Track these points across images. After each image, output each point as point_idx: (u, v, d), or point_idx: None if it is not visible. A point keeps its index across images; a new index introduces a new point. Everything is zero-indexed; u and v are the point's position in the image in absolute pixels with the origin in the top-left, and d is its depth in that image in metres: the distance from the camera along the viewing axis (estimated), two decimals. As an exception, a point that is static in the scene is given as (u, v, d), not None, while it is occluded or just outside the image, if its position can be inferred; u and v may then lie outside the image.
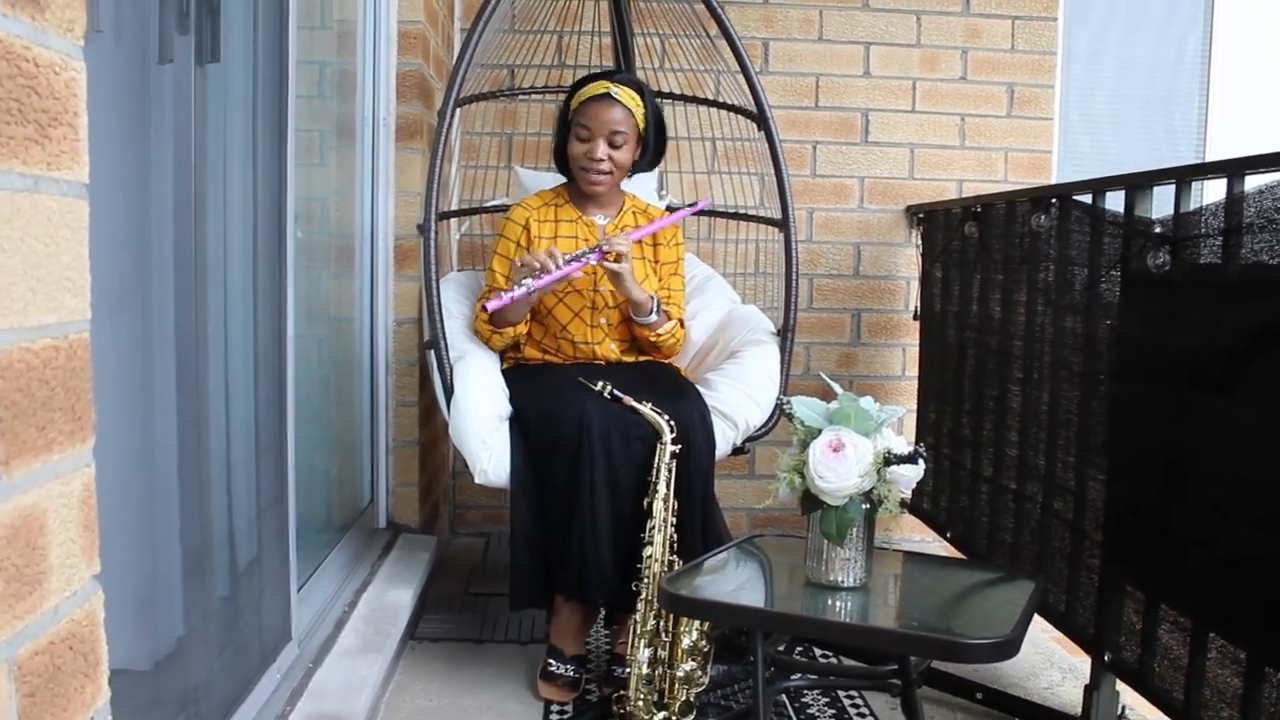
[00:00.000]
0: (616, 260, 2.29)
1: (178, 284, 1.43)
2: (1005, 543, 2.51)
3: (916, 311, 3.34)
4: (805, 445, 1.73)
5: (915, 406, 3.32)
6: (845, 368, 3.60)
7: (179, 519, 1.43)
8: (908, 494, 1.74)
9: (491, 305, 2.25)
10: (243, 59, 1.70)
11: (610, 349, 2.51)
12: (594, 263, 2.31)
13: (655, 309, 2.40)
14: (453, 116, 2.48)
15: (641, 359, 2.57)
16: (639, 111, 2.41)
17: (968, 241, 2.83)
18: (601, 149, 2.38)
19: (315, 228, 2.46)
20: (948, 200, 3.41)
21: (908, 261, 3.57)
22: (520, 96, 3.18)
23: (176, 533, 1.43)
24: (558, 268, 2.24)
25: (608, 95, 2.38)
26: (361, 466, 2.86)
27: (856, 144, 3.56)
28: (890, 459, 1.70)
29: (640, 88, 2.43)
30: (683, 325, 2.53)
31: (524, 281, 2.23)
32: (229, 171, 1.67)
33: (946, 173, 3.58)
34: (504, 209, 2.80)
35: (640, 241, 2.51)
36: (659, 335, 2.43)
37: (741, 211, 3.07)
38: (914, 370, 3.47)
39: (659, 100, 3.27)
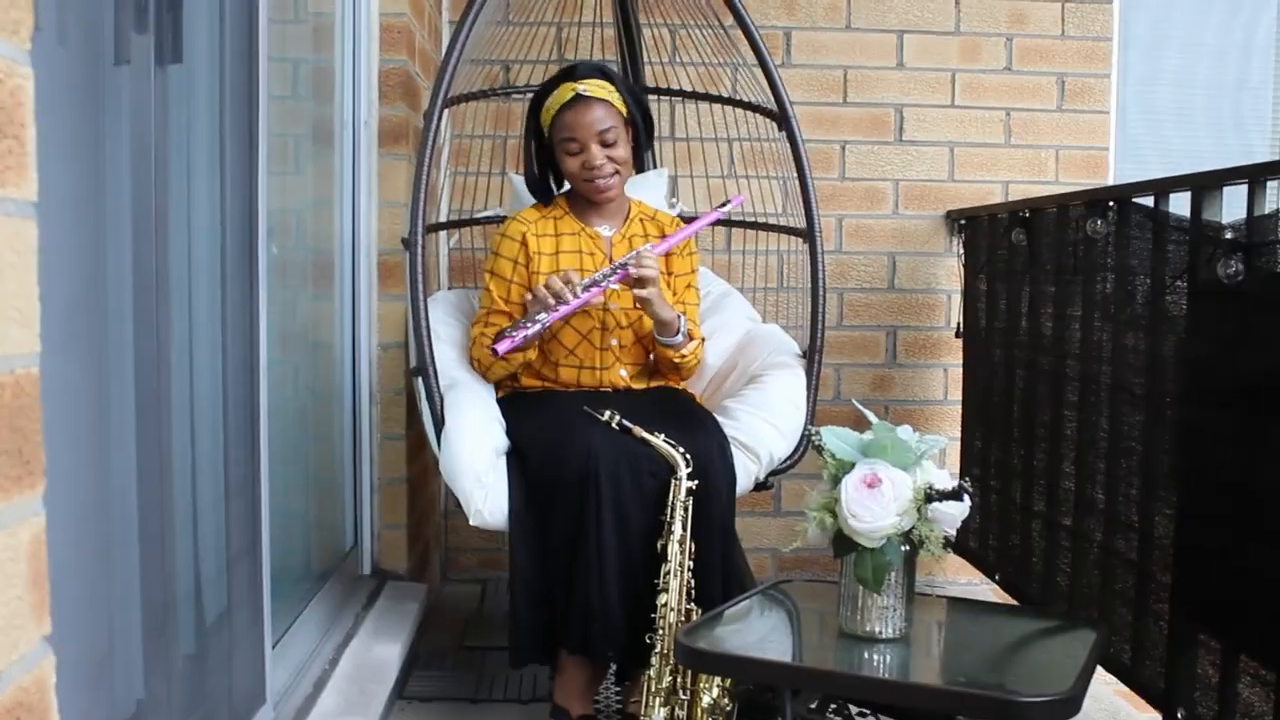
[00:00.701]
0: (641, 283, 2.31)
1: (137, 309, 1.43)
2: (1061, 587, 2.50)
3: (959, 328, 3.34)
4: (837, 480, 1.73)
5: (959, 435, 3.32)
6: (880, 392, 3.59)
7: (139, 570, 1.42)
8: (952, 533, 1.74)
9: (503, 348, 2.25)
10: (208, 58, 1.70)
11: (620, 374, 2.51)
12: (616, 287, 2.31)
13: (681, 328, 2.41)
14: (441, 118, 2.49)
15: (653, 384, 2.57)
16: (615, 98, 2.41)
17: (1015, 250, 2.83)
18: (598, 154, 2.39)
19: (290, 243, 2.46)
20: (992, 204, 3.40)
21: (948, 273, 3.57)
22: (516, 95, 3.19)
23: (136, 585, 1.42)
24: (575, 297, 2.25)
25: (579, 97, 2.38)
26: (343, 507, 2.86)
27: (890, 143, 3.56)
28: (932, 495, 1.70)
29: (603, 71, 2.44)
30: (702, 343, 2.54)
31: (538, 317, 2.24)
32: (194, 183, 1.67)
33: (991, 174, 3.58)
34: (498, 220, 2.80)
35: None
36: (683, 356, 2.44)
37: (762, 220, 3.07)
38: (956, 394, 3.46)
39: (659, 94, 3.29)
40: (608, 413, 2.24)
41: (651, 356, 2.55)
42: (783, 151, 2.79)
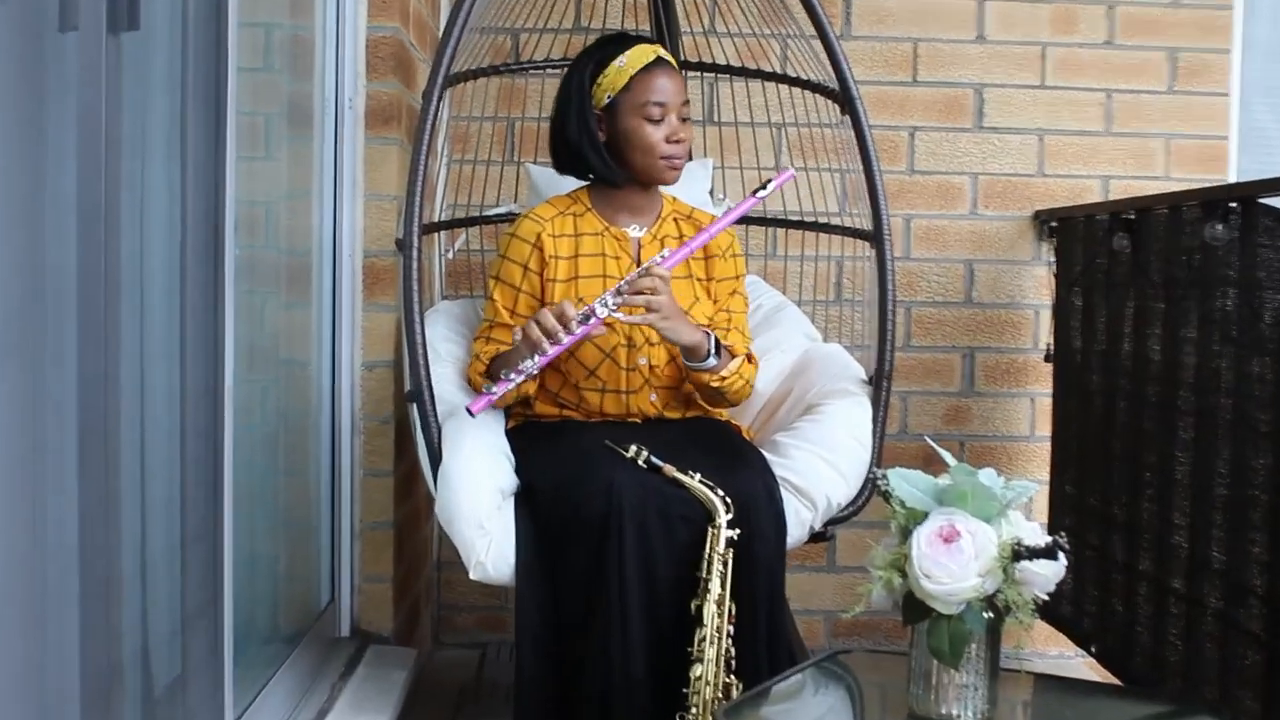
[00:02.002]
0: (646, 308, 2.29)
1: (81, 319, 1.43)
2: (1172, 663, 2.48)
3: (1049, 351, 3.32)
4: (907, 533, 1.73)
5: (1047, 478, 3.29)
6: (955, 425, 3.57)
7: (78, 630, 1.41)
8: (1044, 597, 1.73)
9: (477, 407, 2.26)
10: (168, 24, 1.70)
11: (650, 400, 2.51)
12: (619, 317, 2.31)
13: (714, 348, 2.39)
14: (441, 97, 2.49)
15: (690, 414, 2.57)
16: (684, 78, 2.53)
17: (1117, 258, 2.81)
18: (678, 126, 2.46)
19: (261, 242, 2.46)
20: (1089, 204, 3.38)
21: (1036, 284, 3.55)
22: (531, 71, 3.19)
23: (75, 648, 1.41)
24: (569, 334, 2.25)
25: (662, 61, 2.47)
26: (319, 556, 2.86)
27: (968, 130, 3.55)
28: (1021, 552, 1.70)
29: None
30: (753, 360, 2.52)
31: (522, 365, 2.25)
32: (150, 170, 1.67)
33: (1087, 167, 3.56)
34: (509, 219, 2.80)
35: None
36: (724, 380, 2.42)
37: (820, 220, 3.05)
38: (1046, 429, 3.43)
39: (696, 70, 3.28)
40: (633, 447, 2.23)
41: (688, 385, 2.54)
42: (844, 139, 2.78)
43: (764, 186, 2.43)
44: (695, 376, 2.44)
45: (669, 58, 2.49)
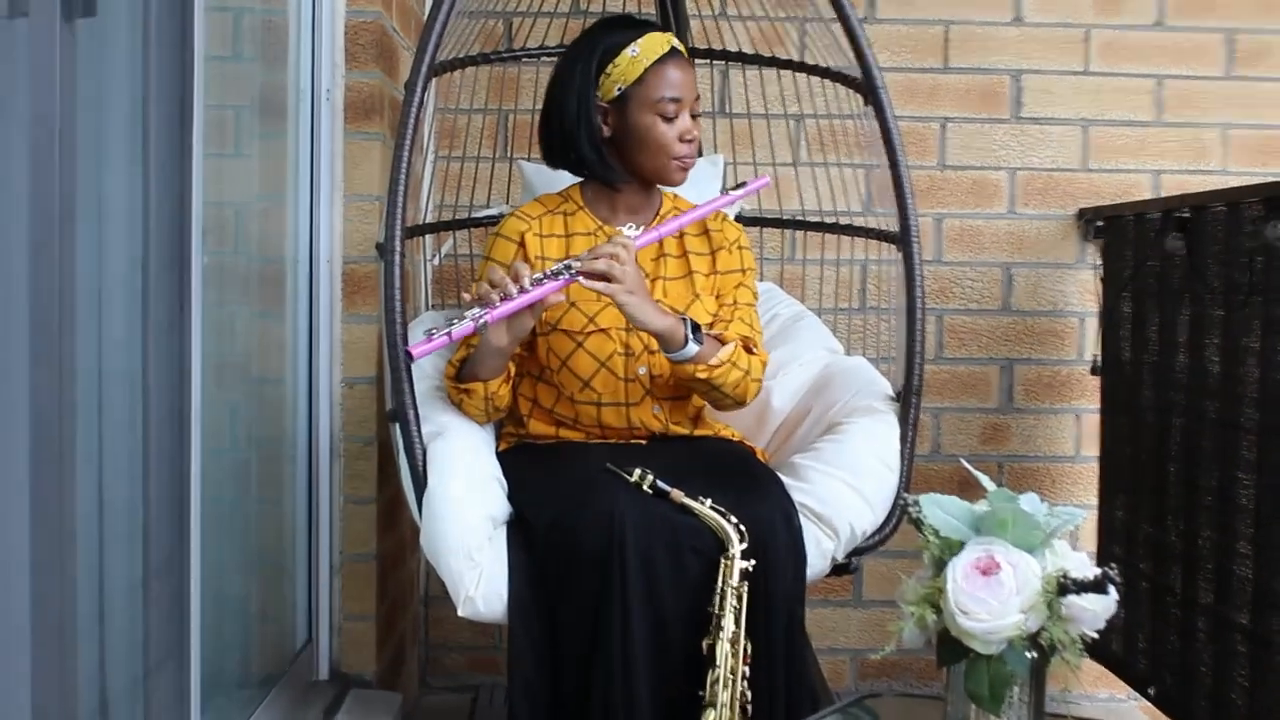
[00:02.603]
0: (606, 276, 2.29)
1: (34, 334, 1.42)
2: (1239, 706, 2.47)
3: (1096, 363, 3.32)
4: (941, 565, 1.73)
5: (1095, 502, 3.29)
6: (992, 446, 3.57)
7: (29, 680, 1.41)
8: (1093, 635, 1.73)
9: (416, 350, 2.25)
10: (128, 10, 1.70)
11: (653, 413, 2.51)
12: (583, 282, 2.29)
13: (691, 333, 2.37)
14: (426, 88, 2.49)
15: (699, 433, 2.56)
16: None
17: (1170, 261, 2.81)
18: (692, 124, 2.48)
19: (231, 248, 2.46)
20: (1139, 201, 3.37)
21: (1081, 290, 3.55)
22: (525, 59, 3.19)
23: (26, 700, 1.40)
24: (522, 291, 2.24)
25: (677, 52, 2.48)
26: (294, 592, 2.85)
27: (1004, 121, 3.55)
28: (1067, 585, 1.69)
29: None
30: (752, 350, 2.50)
31: (470, 313, 2.23)
32: (108, 170, 1.67)
33: (1136, 160, 3.56)
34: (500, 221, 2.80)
35: (685, 251, 2.53)
36: (713, 370, 2.40)
37: (841, 221, 3.05)
38: (1093, 448, 3.43)
39: (706, 58, 3.28)
40: (637, 470, 2.23)
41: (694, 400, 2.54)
42: (868, 131, 2.77)
43: (739, 187, 2.46)
44: (679, 370, 2.41)
45: (682, 48, 2.50)
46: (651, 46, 2.45)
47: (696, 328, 2.38)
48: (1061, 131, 3.55)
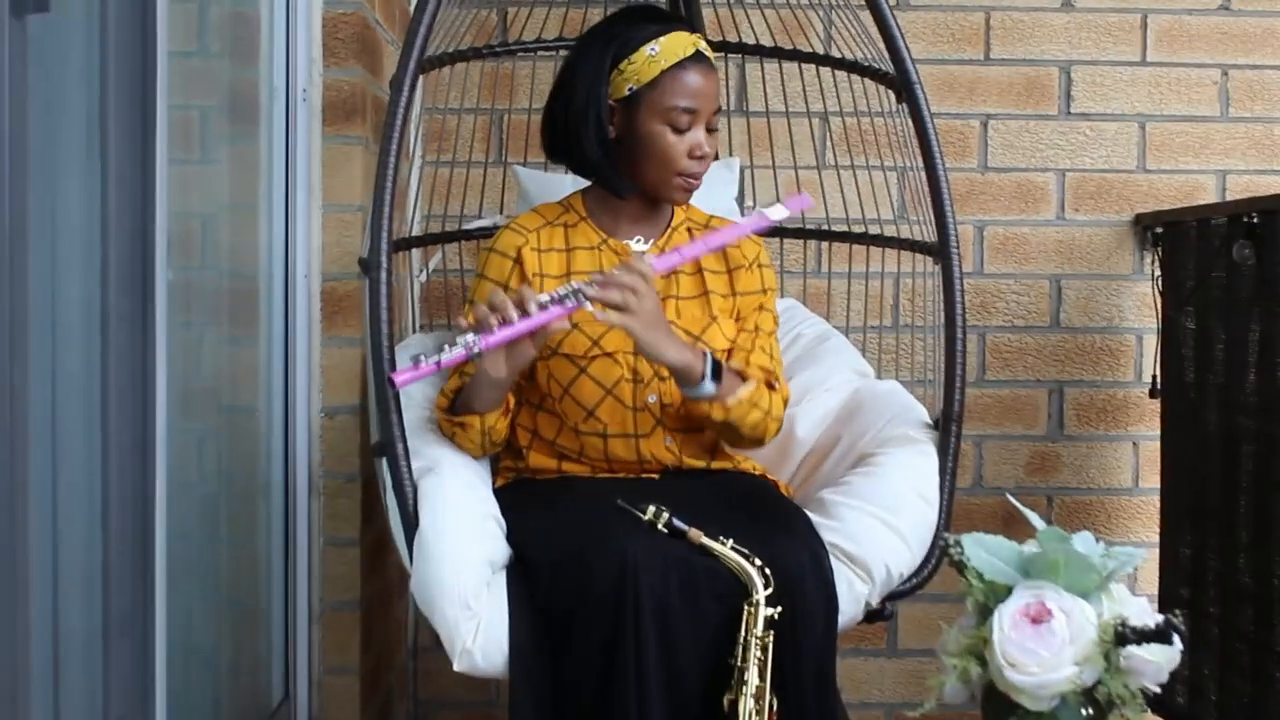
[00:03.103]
0: (621, 306, 2.26)
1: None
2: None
3: (1155, 384, 3.32)
4: (986, 612, 1.74)
5: (1157, 539, 3.28)
6: (1041, 477, 3.57)
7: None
8: (1155, 688, 1.73)
9: (400, 376, 2.22)
10: (84, 3, 1.70)
11: (665, 447, 2.51)
12: (589, 308, 2.28)
13: (709, 370, 2.36)
14: (414, 86, 2.49)
15: (717, 466, 2.56)
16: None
17: (1237, 271, 2.81)
18: (705, 139, 2.46)
19: (198, 263, 2.47)
20: (1203, 205, 3.37)
21: (1139, 304, 3.55)
22: (521, 54, 3.19)
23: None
24: (524, 317, 2.23)
25: (702, 57, 2.46)
26: (270, 644, 2.86)
27: (1052, 117, 3.55)
28: (1126, 634, 1.70)
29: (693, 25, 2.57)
30: (774, 386, 2.50)
31: (462, 339, 2.21)
32: (63, 177, 1.67)
33: (1200, 161, 3.57)
34: (495, 233, 2.79)
35: (700, 269, 2.52)
36: (728, 410, 2.40)
37: (872, 231, 3.05)
38: (1153, 479, 3.43)
39: (722, 50, 3.28)
40: (651, 508, 2.21)
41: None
42: (901, 131, 2.77)
43: (773, 206, 2.42)
44: (693, 407, 2.43)
45: (709, 52, 2.48)
46: (673, 47, 2.43)
47: (717, 366, 2.38)
48: (1116, 129, 3.55)
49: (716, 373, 2.37)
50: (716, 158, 2.67)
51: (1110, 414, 3.56)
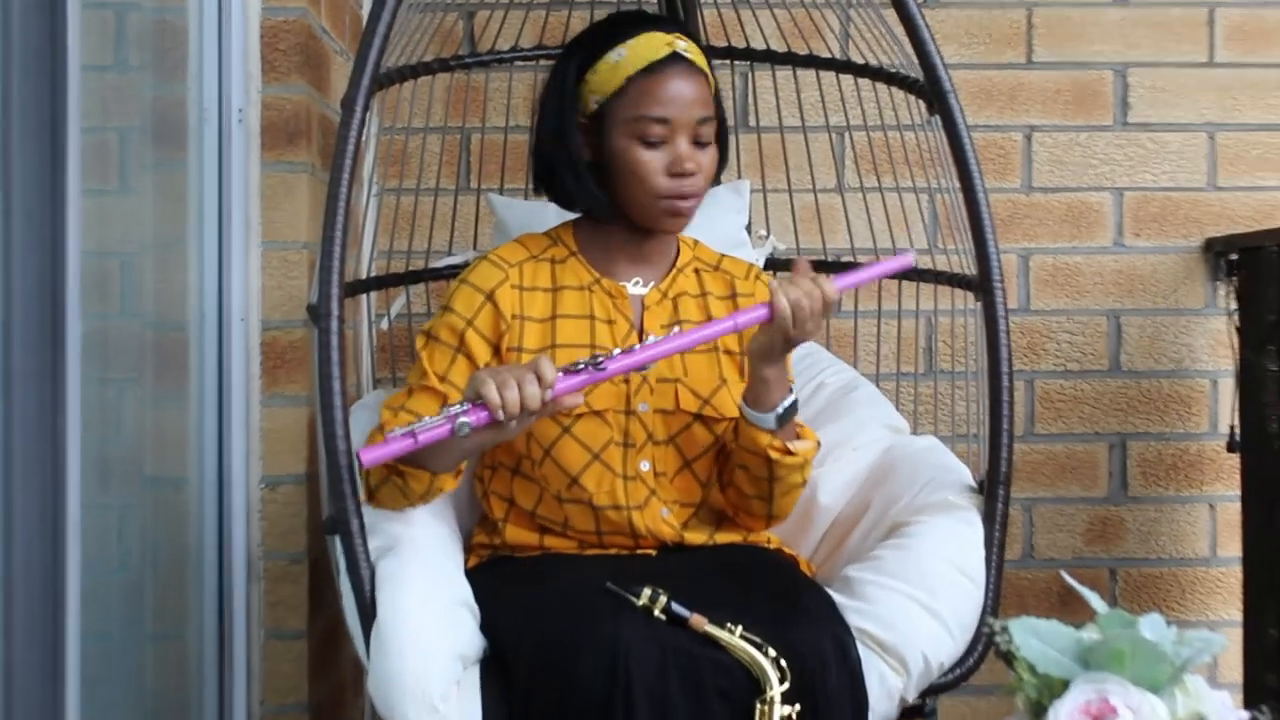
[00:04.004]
0: (798, 306, 2.28)
1: None
2: None
3: (1233, 436, 3.32)
4: (1040, 710, 1.72)
5: (1240, 619, 3.27)
6: (1102, 547, 3.57)
7: None
8: None
9: (369, 454, 2.19)
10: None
11: (662, 519, 2.50)
12: (604, 377, 2.27)
13: (791, 403, 2.40)
14: (368, 105, 2.50)
15: (723, 539, 2.56)
16: (710, 79, 2.48)
17: (1327, 305, 2.79)
18: (690, 152, 2.42)
19: (117, 310, 2.47)
20: (1285, 228, 3.37)
21: (1211, 343, 3.56)
22: (493, 64, 3.20)
23: None
24: (542, 403, 2.19)
25: (677, 57, 2.43)
26: (202, 757, 2.83)
27: (1107, 128, 3.57)
28: None
29: (685, 28, 2.53)
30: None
31: (450, 409, 2.18)
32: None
33: None
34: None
35: (710, 318, 2.52)
36: (786, 457, 2.42)
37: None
38: (1234, 547, 3.43)
39: (725, 57, 3.29)
40: (646, 590, 2.21)
41: (720, 484, 2.54)
42: (932, 146, 2.78)
43: (878, 264, 2.42)
44: (754, 436, 2.41)
45: (691, 53, 2.45)
46: (641, 50, 2.42)
47: (795, 407, 2.41)
48: (1181, 140, 3.57)
49: (793, 407, 2.41)
50: (719, 181, 2.65)
51: (1181, 471, 3.57)
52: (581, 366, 2.24)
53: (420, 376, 2.44)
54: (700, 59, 2.46)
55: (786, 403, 2.39)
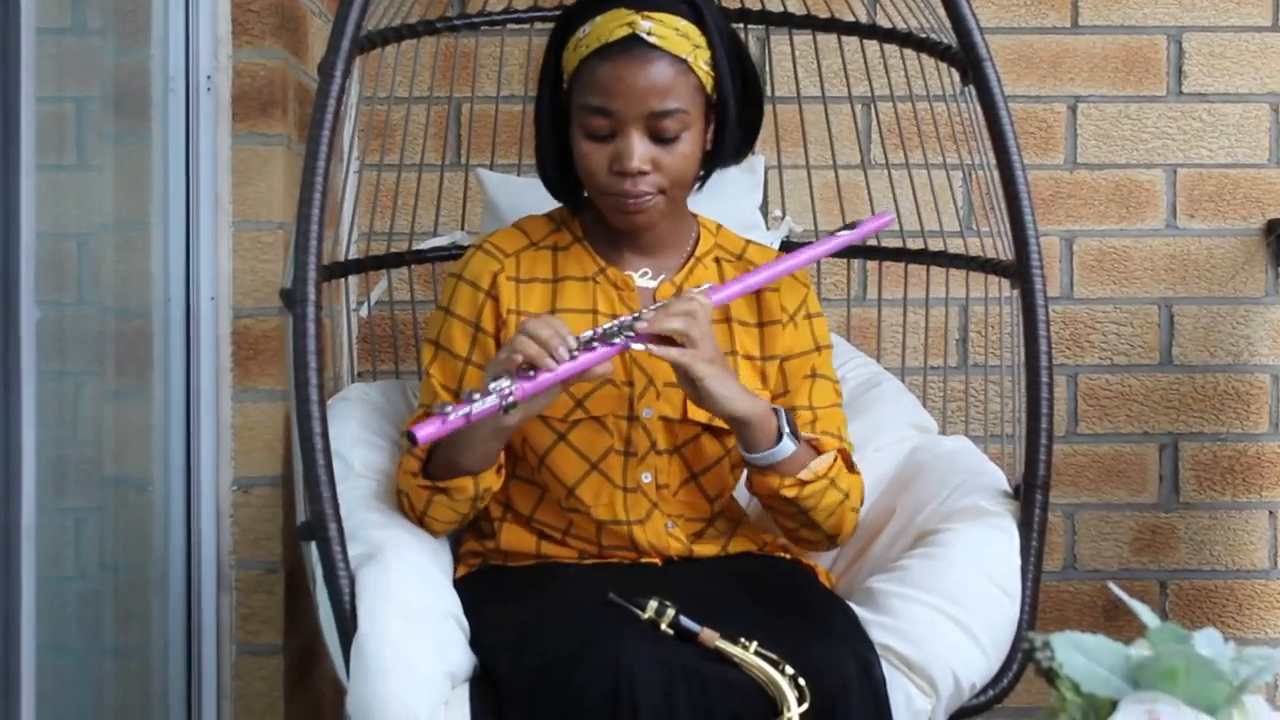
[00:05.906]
0: (682, 340, 2.28)
1: None
2: None
3: (1296, 438, 3.31)
4: None
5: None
6: (1152, 557, 3.57)
7: None
8: None
9: (423, 432, 2.21)
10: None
11: (666, 532, 2.50)
12: (639, 347, 2.29)
13: (787, 429, 2.39)
14: (349, 71, 2.50)
15: (735, 549, 2.57)
16: (700, 58, 2.42)
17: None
18: (638, 149, 2.38)
19: (74, 297, 2.47)
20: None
21: (1273, 334, 3.57)
22: (484, 27, 3.21)
23: None
24: (570, 357, 2.23)
25: (635, 40, 2.38)
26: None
27: (1159, 99, 3.57)
28: None
29: (691, 3, 2.45)
30: (852, 466, 2.52)
31: (495, 385, 2.21)
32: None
33: (1348, 153, 3.58)
34: (456, 255, 2.80)
35: (729, 317, 2.52)
36: (803, 486, 2.41)
37: (930, 247, 3.07)
38: (1295, 559, 3.43)
39: (740, 21, 3.29)
40: (652, 603, 2.21)
41: (746, 504, 2.54)
42: (967, 118, 2.78)
43: (853, 226, 2.44)
44: (761, 482, 2.42)
45: (658, 35, 2.37)
46: (598, 30, 2.40)
47: (792, 422, 2.39)
48: (1241, 112, 3.56)
49: (794, 430, 2.39)
50: (705, 179, 2.58)
51: (1239, 475, 3.56)
52: (612, 330, 2.28)
53: (430, 397, 2.46)
54: (672, 40, 2.38)
55: (782, 423, 2.38)
